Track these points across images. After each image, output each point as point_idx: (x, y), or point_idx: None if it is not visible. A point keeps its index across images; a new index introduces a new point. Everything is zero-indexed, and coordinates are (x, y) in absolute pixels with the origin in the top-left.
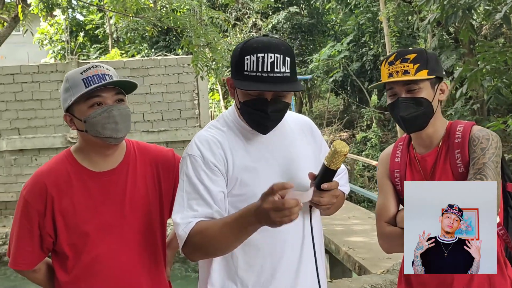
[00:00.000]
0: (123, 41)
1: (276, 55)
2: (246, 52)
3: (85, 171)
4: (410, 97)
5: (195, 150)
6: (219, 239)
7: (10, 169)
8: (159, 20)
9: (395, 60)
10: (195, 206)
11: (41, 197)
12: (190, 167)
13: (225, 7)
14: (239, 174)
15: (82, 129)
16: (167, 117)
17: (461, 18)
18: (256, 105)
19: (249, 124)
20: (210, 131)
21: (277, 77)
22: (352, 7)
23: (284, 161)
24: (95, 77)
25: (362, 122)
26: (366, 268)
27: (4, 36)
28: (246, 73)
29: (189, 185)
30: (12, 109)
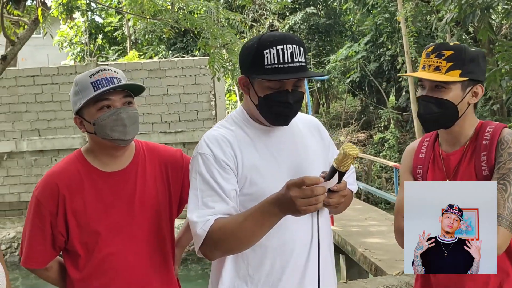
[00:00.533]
0: (141, 43)
1: (293, 45)
2: (264, 47)
3: (96, 171)
4: (432, 96)
5: (205, 149)
6: (240, 234)
7: (31, 170)
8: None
9: (431, 52)
10: (210, 203)
11: (53, 197)
12: (202, 165)
13: (242, 8)
14: (249, 173)
15: (91, 131)
16: (184, 118)
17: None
18: (279, 97)
19: (269, 118)
20: (219, 130)
21: (297, 67)
22: (370, 7)
23: (294, 161)
24: (104, 80)
25: (379, 123)
26: (382, 269)
27: (25, 39)
28: (267, 67)
29: (203, 183)
30: (32, 110)
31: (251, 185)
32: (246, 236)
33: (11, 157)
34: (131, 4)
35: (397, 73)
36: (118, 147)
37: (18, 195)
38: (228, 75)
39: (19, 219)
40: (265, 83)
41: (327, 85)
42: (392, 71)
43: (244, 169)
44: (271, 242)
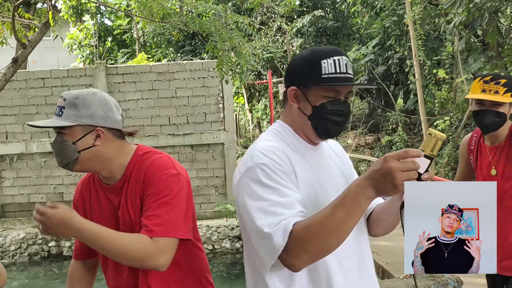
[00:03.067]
0: (150, 46)
1: (345, 58)
2: (321, 57)
3: (99, 184)
4: (493, 110)
5: (263, 159)
6: (332, 226)
7: (40, 171)
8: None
9: (490, 80)
10: (280, 210)
11: (76, 205)
12: (263, 175)
13: (250, 11)
14: (302, 188)
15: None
16: (192, 120)
17: (488, 21)
18: (334, 105)
19: (322, 128)
20: (268, 142)
21: (350, 78)
22: (378, 10)
23: (332, 178)
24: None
25: (387, 125)
26: (389, 272)
27: (36, 42)
28: (324, 76)
29: (268, 192)
30: (42, 112)
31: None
32: (338, 227)
33: (21, 159)
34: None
35: (405, 76)
36: None
37: (28, 196)
38: (236, 78)
39: (28, 220)
40: (322, 92)
41: None
42: (400, 74)
43: (299, 181)
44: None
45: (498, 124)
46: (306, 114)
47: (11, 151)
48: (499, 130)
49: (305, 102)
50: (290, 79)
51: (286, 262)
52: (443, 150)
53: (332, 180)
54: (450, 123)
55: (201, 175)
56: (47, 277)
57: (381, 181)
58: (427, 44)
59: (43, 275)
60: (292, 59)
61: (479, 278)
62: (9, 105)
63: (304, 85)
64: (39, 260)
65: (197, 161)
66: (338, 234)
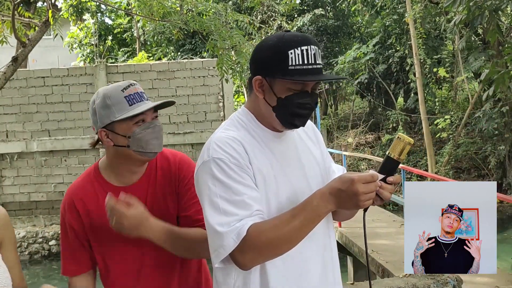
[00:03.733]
0: (150, 44)
1: (315, 47)
2: (288, 46)
3: (110, 187)
4: None
5: (219, 153)
6: (289, 234)
7: (41, 170)
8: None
9: None
10: (234, 209)
11: (71, 213)
12: (218, 170)
13: (250, 10)
14: (256, 176)
15: (123, 145)
16: (192, 119)
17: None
18: (300, 98)
19: (286, 120)
20: (226, 133)
21: (319, 69)
22: (378, 8)
23: (298, 168)
24: (136, 95)
25: (387, 124)
26: (389, 271)
27: (36, 40)
28: (291, 68)
29: (223, 189)
30: (42, 111)
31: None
32: (294, 235)
33: (22, 158)
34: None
35: (406, 74)
36: (142, 161)
37: (28, 195)
38: (236, 77)
39: (29, 218)
40: (288, 84)
41: (335, 87)
42: (400, 72)
43: (254, 170)
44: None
45: None
46: (271, 105)
47: (12, 150)
48: None
49: (271, 93)
50: (255, 67)
51: (238, 261)
52: (444, 149)
53: (298, 167)
54: (450, 121)
55: None
56: (48, 276)
57: (346, 200)
58: (428, 43)
59: (43, 273)
60: (259, 46)
61: (479, 277)
62: (9, 104)
63: (270, 76)
64: (39, 258)
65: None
66: (293, 240)
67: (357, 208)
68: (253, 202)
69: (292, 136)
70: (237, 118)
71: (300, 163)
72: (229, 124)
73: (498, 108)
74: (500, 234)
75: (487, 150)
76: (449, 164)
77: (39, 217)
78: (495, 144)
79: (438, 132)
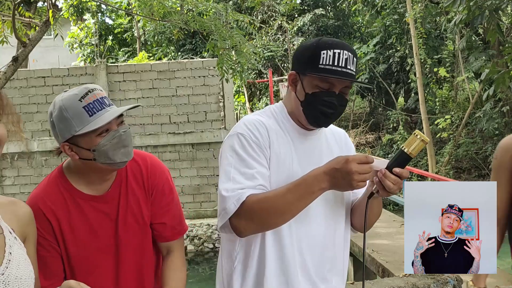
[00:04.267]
0: (151, 44)
1: (349, 53)
2: (322, 47)
3: (79, 194)
4: None
5: (244, 130)
6: (281, 206)
7: (41, 170)
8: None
9: None
10: (241, 179)
11: (41, 222)
12: (239, 144)
13: (250, 10)
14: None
15: (89, 158)
16: (192, 119)
17: (488, 19)
18: (325, 96)
19: (311, 117)
20: (256, 116)
21: (349, 73)
22: (379, 8)
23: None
24: (96, 102)
25: (388, 124)
26: (389, 271)
27: (36, 40)
28: (321, 66)
29: (238, 161)
30: (43, 111)
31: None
32: (287, 208)
33: (22, 157)
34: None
35: (406, 74)
36: (112, 170)
37: (29, 195)
38: (236, 77)
39: None
40: (315, 80)
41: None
42: (401, 72)
43: (272, 156)
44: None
45: None
46: (300, 99)
47: (12, 149)
48: None
49: (301, 88)
50: (293, 63)
51: (234, 226)
52: (444, 149)
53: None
54: (451, 121)
55: (202, 174)
56: None
57: (340, 179)
58: (428, 43)
59: None
60: (300, 45)
61: None
62: None
63: (301, 71)
64: None
65: (198, 160)
66: (285, 214)
67: (351, 188)
68: (259, 177)
69: (320, 141)
70: (271, 109)
71: (320, 162)
72: (262, 112)
73: (499, 108)
74: None
75: (487, 150)
76: (449, 164)
77: None
78: (496, 144)
79: (438, 132)
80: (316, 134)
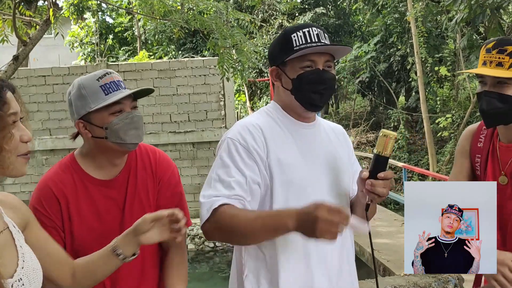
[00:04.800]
0: (151, 43)
1: (318, 29)
2: (291, 32)
3: (89, 179)
4: (495, 91)
5: (235, 134)
6: (246, 230)
7: (42, 169)
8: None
9: (492, 48)
10: (220, 187)
11: (51, 206)
12: (226, 150)
13: (251, 8)
14: (273, 165)
15: (101, 136)
16: (193, 118)
17: (490, 17)
18: (311, 74)
19: (304, 100)
20: (251, 118)
21: (323, 44)
22: (379, 7)
23: (326, 158)
24: (112, 84)
25: (389, 123)
26: (390, 270)
27: (37, 39)
28: (296, 48)
29: (221, 167)
30: (43, 110)
31: (277, 175)
32: (251, 235)
33: None
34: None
35: (407, 73)
36: (122, 152)
37: (29, 194)
38: (237, 76)
39: None
40: (296, 63)
41: (336, 86)
42: (402, 71)
43: (271, 158)
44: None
45: (507, 112)
46: (288, 89)
47: None
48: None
49: (285, 77)
50: (270, 60)
51: (204, 229)
52: (445, 148)
53: (320, 157)
54: (452, 120)
55: (202, 173)
56: None
57: (306, 223)
58: (429, 42)
59: None
60: (271, 44)
61: None
62: None
63: (280, 62)
64: None
65: (198, 159)
66: (247, 238)
67: (313, 236)
68: (236, 186)
69: (319, 131)
70: (265, 109)
71: (329, 156)
72: (256, 113)
73: None
74: None
75: None
76: (450, 163)
77: None
78: None
79: (439, 131)
80: (315, 125)
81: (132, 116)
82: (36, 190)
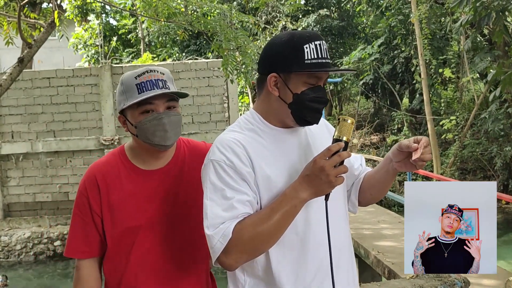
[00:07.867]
0: (155, 45)
1: (324, 42)
2: (303, 41)
3: (135, 169)
4: None
5: (218, 155)
6: (271, 228)
7: (46, 171)
8: (190, 24)
9: None
10: (221, 212)
11: (92, 189)
12: (214, 173)
13: (255, 10)
14: (261, 181)
15: (133, 133)
16: (197, 120)
17: (495, 19)
18: (315, 92)
19: (302, 116)
20: (230, 134)
21: (330, 63)
22: (383, 9)
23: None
24: (148, 83)
25: (392, 125)
26: (395, 272)
27: (41, 41)
28: (307, 61)
29: (214, 192)
30: (48, 112)
31: (265, 192)
32: (276, 229)
33: (27, 158)
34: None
35: (411, 75)
36: (156, 150)
37: (34, 195)
38: (241, 78)
39: (34, 219)
40: (304, 78)
41: (340, 87)
42: (405, 73)
43: (258, 175)
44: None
45: None
46: (286, 102)
47: (17, 150)
48: None
49: (286, 89)
50: (268, 65)
51: (224, 263)
52: (449, 150)
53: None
54: (456, 122)
55: None
56: (53, 276)
57: (317, 181)
58: (433, 43)
59: (48, 274)
60: (270, 44)
61: (486, 279)
62: (15, 104)
63: (285, 72)
64: (44, 259)
65: None
66: (276, 234)
67: (331, 186)
68: (240, 206)
69: (305, 132)
70: (244, 120)
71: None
72: (234, 126)
73: (504, 109)
74: (507, 236)
75: (493, 151)
76: (454, 165)
77: (44, 217)
78: (501, 145)
79: (443, 133)
80: (298, 128)
81: (161, 118)
82: (84, 175)
